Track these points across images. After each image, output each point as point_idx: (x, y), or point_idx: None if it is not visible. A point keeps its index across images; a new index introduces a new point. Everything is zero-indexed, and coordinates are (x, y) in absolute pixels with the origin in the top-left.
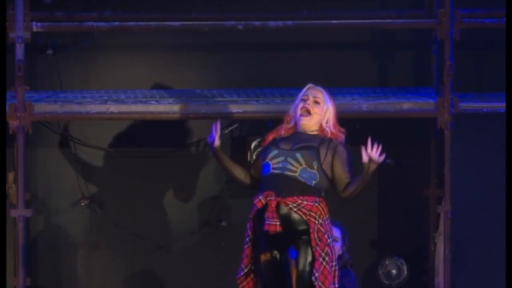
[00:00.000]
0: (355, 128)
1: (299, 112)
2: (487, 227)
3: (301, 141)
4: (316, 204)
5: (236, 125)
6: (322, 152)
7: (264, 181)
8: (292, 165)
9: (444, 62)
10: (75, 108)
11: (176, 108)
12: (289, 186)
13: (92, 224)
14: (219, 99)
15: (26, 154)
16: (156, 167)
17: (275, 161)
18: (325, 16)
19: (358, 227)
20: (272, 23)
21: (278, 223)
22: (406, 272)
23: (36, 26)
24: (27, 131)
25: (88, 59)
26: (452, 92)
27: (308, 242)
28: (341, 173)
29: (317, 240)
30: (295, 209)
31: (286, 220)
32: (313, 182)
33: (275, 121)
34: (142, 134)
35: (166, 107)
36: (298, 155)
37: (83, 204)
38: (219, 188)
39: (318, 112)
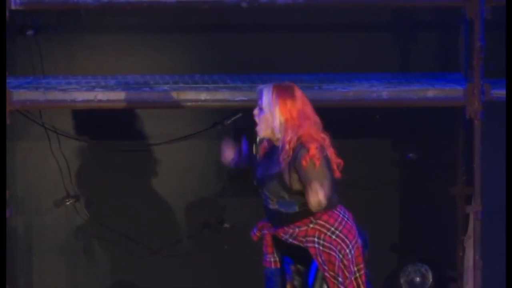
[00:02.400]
0: (374, 118)
1: None
2: None
3: (268, 163)
4: (312, 225)
5: (240, 114)
6: (285, 174)
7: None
8: (268, 197)
9: (474, 44)
10: (59, 95)
11: (172, 95)
12: (276, 218)
13: (78, 226)
14: (221, 85)
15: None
16: (150, 161)
17: (259, 190)
18: None
19: (377, 229)
20: (280, 1)
21: (273, 259)
22: (431, 280)
23: (14, 4)
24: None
25: (73, 40)
26: (483, 78)
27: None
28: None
29: (322, 264)
30: (290, 240)
31: (287, 249)
32: (296, 208)
33: None
34: (134, 125)
35: (161, 95)
36: (265, 190)
37: (67, 203)
38: (221, 185)
39: (264, 119)
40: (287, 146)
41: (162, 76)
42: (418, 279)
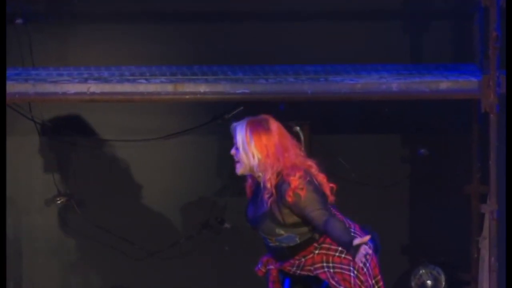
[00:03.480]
0: (383, 112)
1: None
2: None
3: (256, 203)
4: (317, 251)
5: (241, 108)
6: (276, 212)
7: None
8: (267, 238)
9: (489, 34)
10: (50, 88)
11: (169, 88)
12: (279, 253)
13: (70, 227)
14: (221, 77)
15: None
16: (146, 158)
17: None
18: None
19: (386, 230)
20: None
21: None
22: (443, 283)
23: None
24: None
25: (65, 30)
26: (499, 69)
27: None
28: (304, 220)
29: (337, 285)
30: (298, 272)
31: (297, 279)
32: (296, 240)
33: (288, 103)
34: (129, 119)
35: (158, 87)
36: (261, 233)
37: (59, 202)
38: (221, 183)
39: (241, 159)
40: (268, 185)
41: (159, 67)
42: (430, 282)
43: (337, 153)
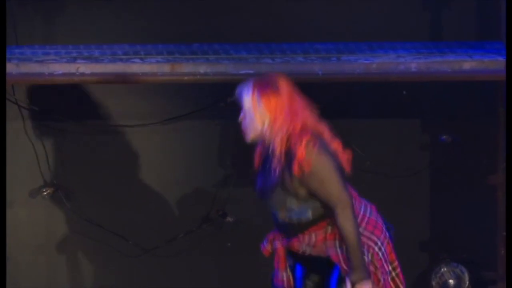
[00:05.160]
0: (401, 95)
1: None
2: None
3: (266, 173)
4: (331, 229)
5: None
6: (288, 184)
7: None
8: (276, 209)
9: None
10: (35, 68)
11: (166, 68)
12: (288, 229)
13: (58, 221)
14: (223, 56)
15: None
16: (141, 145)
17: (263, 203)
18: None
19: (405, 224)
20: None
21: (285, 277)
22: (467, 283)
23: None
24: None
25: (52, 4)
26: None
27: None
28: (317, 196)
29: (348, 271)
30: (308, 251)
31: (304, 261)
32: (309, 215)
33: (296, 85)
34: (122, 102)
35: (154, 67)
36: (270, 203)
37: (45, 194)
38: (223, 172)
39: (248, 123)
40: (277, 152)
41: (155, 46)
42: (452, 281)
43: (350, 139)
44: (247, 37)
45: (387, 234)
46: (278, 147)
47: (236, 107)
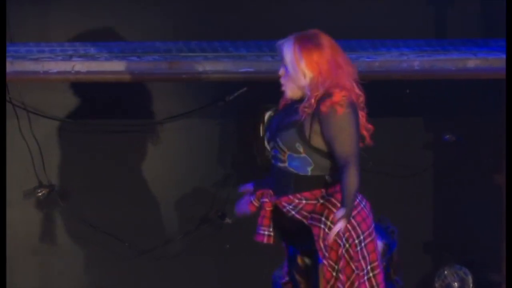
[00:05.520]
0: (404, 93)
1: None
2: None
3: (286, 116)
4: (322, 201)
5: (245, 89)
6: (306, 124)
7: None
8: (279, 151)
9: None
10: (30, 66)
11: (164, 66)
12: (282, 181)
13: (53, 222)
14: (222, 54)
15: None
16: (138, 144)
17: (269, 146)
18: None
19: (408, 225)
20: None
21: (267, 233)
22: (471, 285)
23: None
24: None
25: (47, 1)
26: None
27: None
28: (331, 149)
29: (324, 250)
30: (292, 212)
31: (283, 227)
32: (308, 170)
33: None
34: (119, 102)
35: (151, 65)
36: (278, 141)
37: (40, 194)
38: (222, 172)
39: (289, 79)
40: (312, 100)
41: (152, 43)
42: (456, 284)
43: None
44: (246, 35)
45: (374, 233)
46: (314, 97)
47: (236, 107)
